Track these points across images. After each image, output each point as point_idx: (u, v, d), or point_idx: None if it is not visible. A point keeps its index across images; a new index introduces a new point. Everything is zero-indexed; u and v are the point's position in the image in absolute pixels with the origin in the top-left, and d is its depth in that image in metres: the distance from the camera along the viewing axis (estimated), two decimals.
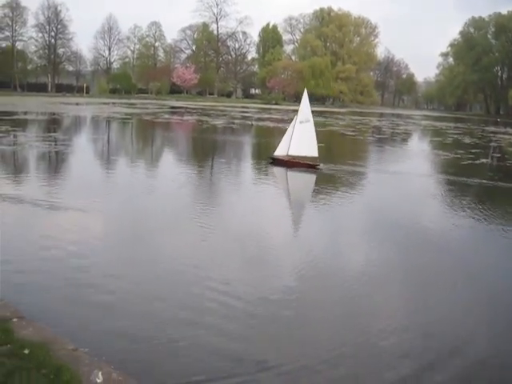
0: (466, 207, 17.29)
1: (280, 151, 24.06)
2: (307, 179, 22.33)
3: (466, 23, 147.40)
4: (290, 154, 23.82)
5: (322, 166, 23.65)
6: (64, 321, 7.18)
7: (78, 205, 13.82)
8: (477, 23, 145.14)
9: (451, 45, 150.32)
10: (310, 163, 23.55)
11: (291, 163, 23.67)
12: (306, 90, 25.20)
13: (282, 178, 22.57)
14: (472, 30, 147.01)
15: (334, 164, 25.18)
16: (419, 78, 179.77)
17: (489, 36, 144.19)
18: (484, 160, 32.29)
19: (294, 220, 15.02)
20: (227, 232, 12.63)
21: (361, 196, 18.75)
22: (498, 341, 7.79)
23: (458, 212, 16.47)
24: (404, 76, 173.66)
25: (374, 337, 7.49)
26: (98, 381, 5.21)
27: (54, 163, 22.96)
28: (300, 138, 23.48)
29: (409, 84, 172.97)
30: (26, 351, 5.47)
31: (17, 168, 21.35)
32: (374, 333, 7.62)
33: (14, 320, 6.35)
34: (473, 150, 37.03)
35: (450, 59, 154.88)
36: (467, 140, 48.45)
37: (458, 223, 14.90)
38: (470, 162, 30.15)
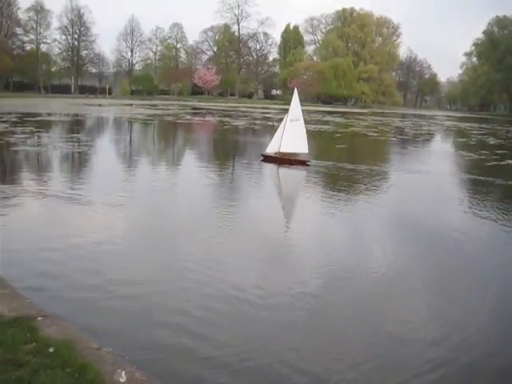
0: (491, 207, 17.08)
1: (271, 148, 24.65)
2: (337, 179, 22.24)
3: (489, 22, 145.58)
4: (281, 151, 24.38)
5: (312, 162, 24.32)
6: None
7: (106, 200, 14.56)
8: (501, 22, 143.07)
9: (475, 44, 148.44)
10: (301, 160, 24.39)
11: (282, 160, 24.33)
12: (296, 90, 25.72)
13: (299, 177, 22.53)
14: (496, 29, 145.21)
15: (356, 164, 25.16)
16: (442, 77, 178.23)
17: None
18: (510, 161, 31.76)
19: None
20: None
21: (385, 194, 18.62)
22: None
23: (483, 211, 16.23)
24: (427, 76, 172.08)
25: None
26: (122, 380, 5.22)
27: (80, 163, 23.16)
28: (291, 135, 24.06)
29: (431, 84, 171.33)
30: (51, 350, 5.52)
31: (43, 167, 21.63)
32: None
33: (39, 319, 6.40)
34: (498, 151, 36.53)
35: (474, 59, 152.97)
36: (492, 141, 47.82)
37: (482, 222, 14.76)
38: (495, 163, 29.73)
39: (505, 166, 29.46)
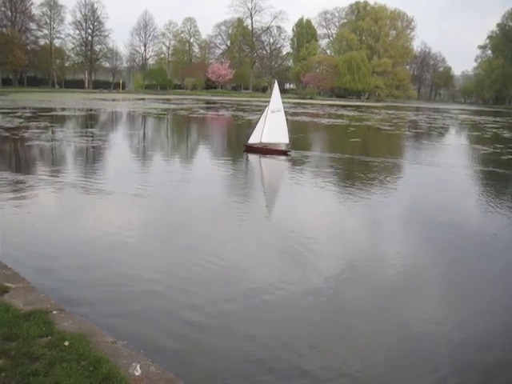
0: (507, 199, 17.00)
1: (253, 139, 25.24)
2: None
3: (504, 15, 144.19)
4: (263, 141, 25.03)
5: (292, 152, 25.08)
6: None
7: (127, 191, 15.17)
8: None
9: (489, 37, 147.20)
10: (282, 150, 25.14)
11: (264, 150, 25.04)
12: (276, 82, 26.95)
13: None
14: (510, 23, 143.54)
15: (371, 157, 25.09)
16: (456, 71, 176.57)
17: None
18: None
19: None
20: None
21: (401, 187, 18.52)
22: None
23: (499, 203, 16.08)
24: (441, 69, 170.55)
25: None
26: (137, 373, 5.23)
27: (97, 157, 23.22)
28: (272, 126, 24.70)
29: (446, 77, 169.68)
30: (66, 343, 5.54)
31: (61, 161, 21.81)
32: None
33: (54, 312, 6.44)
34: None
35: (489, 52, 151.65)
36: (506, 134, 47.32)
37: (498, 214, 14.67)
38: (510, 156, 29.39)
39: None
